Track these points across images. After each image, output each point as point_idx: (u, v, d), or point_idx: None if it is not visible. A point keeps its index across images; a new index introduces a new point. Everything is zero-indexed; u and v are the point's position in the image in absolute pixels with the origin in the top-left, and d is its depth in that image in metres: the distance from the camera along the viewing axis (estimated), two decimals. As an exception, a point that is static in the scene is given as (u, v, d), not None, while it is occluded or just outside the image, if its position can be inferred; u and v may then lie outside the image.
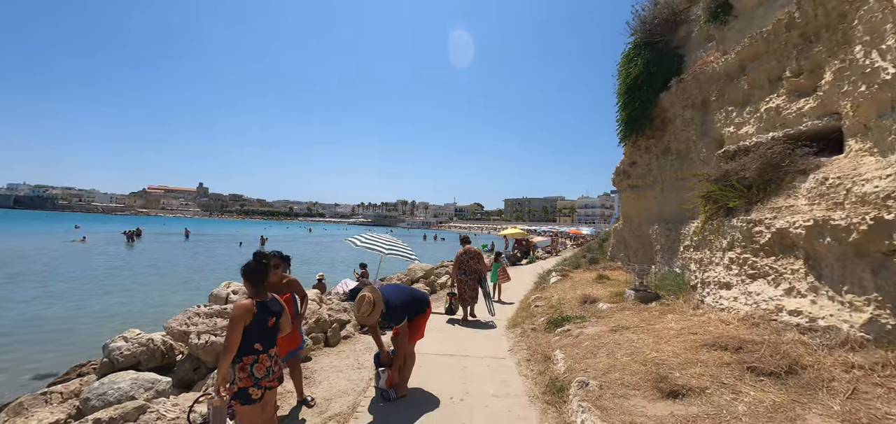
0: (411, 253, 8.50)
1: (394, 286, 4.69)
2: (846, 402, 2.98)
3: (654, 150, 10.53)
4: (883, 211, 3.84)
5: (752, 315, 4.97)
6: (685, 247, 8.26)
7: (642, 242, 11.50)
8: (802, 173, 5.45)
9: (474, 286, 7.84)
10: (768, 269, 5.20)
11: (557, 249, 29.54)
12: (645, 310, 6.35)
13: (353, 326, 7.36)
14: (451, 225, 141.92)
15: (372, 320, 3.96)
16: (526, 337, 6.30)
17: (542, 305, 8.12)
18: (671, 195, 9.76)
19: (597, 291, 8.50)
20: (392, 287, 4.57)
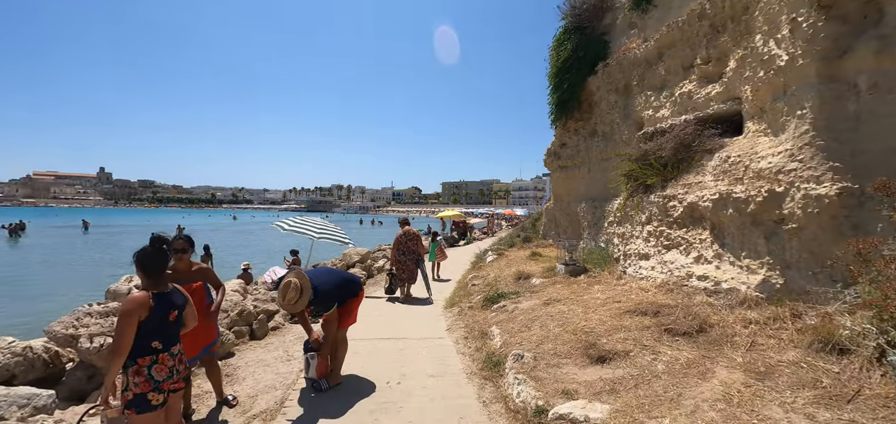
0: (345, 237, 8.13)
1: (323, 270, 4.39)
2: (746, 354, 3.31)
3: (582, 132, 11.06)
4: (774, 184, 4.30)
5: (667, 282, 5.40)
6: (609, 223, 8.80)
7: (571, 220, 12.12)
8: (709, 152, 5.96)
9: (413, 266, 8.05)
10: (681, 240, 5.67)
11: (494, 230, 30.39)
12: (574, 283, 6.66)
13: (282, 316, 6.89)
14: (388, 209, 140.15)
15: (299, 307, 3.66)
16: (463, 316, 6.32)
17: (479, 283, 8.22)
18: (597, 175, 10.33)
19: (530, 267, 8.79)
20: (321, 271, 4.27)
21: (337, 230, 8.19)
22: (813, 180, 3.95)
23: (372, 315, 6.76)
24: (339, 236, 7.91)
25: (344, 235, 8.15)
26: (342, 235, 8.08)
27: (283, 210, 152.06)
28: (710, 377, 3.09)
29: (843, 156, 3.84)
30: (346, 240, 7.92)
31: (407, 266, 7.96)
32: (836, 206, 3.78)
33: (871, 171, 3.65)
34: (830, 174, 3.85)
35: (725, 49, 5.91)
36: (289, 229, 7.56)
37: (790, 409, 2.56)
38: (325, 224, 8.34)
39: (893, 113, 3.59)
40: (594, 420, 2.78)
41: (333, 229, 8.16)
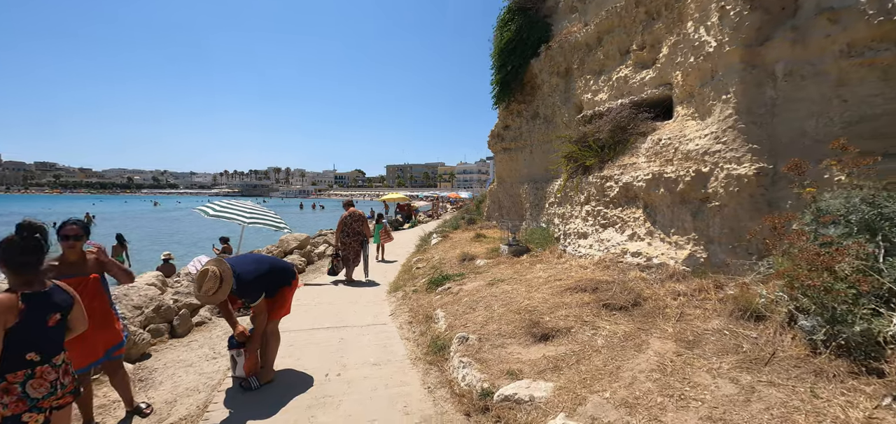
0: (280, 221, 7.57)
1: (250, 257, 3.98)
2: (677, 324, 3.48)
3: (525, 114, 11.21)
4: (701, 165, 4.55)
5: (604, 259, 5.61)
6: (550, 204, 9.03)
7: (514, 201, 12.34)
8: (643, 135, 6.23)
9: (358, 247, 8.08)
10: (616, 219, 5.91)
11: (439, 213, 30.43)
12: (517, 263, 6.74)
13: (208, 310, 6.28)
14: (330, 193, 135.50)
15: (218, 298, 3.26)
16: (408, 300, 6.16)
17: (424, 266, 8.09)
18: (539, 157, 10.55)
19: (475, 249, 8.81)
20: (247, 258, 3.87)
21: (271, 214, 7.60)
22: (734, 161, 4.22)
23: (312, 303, 6.38)
24: (274, 221, 7.35)
25: (279, 220, 7.59)
26: (277, 220, 7.52)
27: (213, 195, 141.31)
28: (645, 348, 3.21)
29: (761, 139, 4.14)
30: (281, 225, 7.37)
31: (352, 247, 8.00)
32: (754, 185, 4.07)
33: (784, 153, 3.96)
34: (749, 155, 4.14)
35: (659, 35, 6.16)
36: (214, 214, 6.87)
37: (717, 374, 2.69)
38: (257, 208, 7.71)
39: (805, 99, 3.90)
40: (539, 399, 2.76)
41: (266, 213, 7.57)
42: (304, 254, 11.26)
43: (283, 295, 3.71)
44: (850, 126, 3.71)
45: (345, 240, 7.97)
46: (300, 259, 10.63)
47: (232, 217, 6.87)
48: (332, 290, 7.35)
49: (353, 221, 8.05)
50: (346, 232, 7.99)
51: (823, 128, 3.84)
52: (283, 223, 7.68)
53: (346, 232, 7.99)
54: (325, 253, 12.48)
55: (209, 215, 6.92)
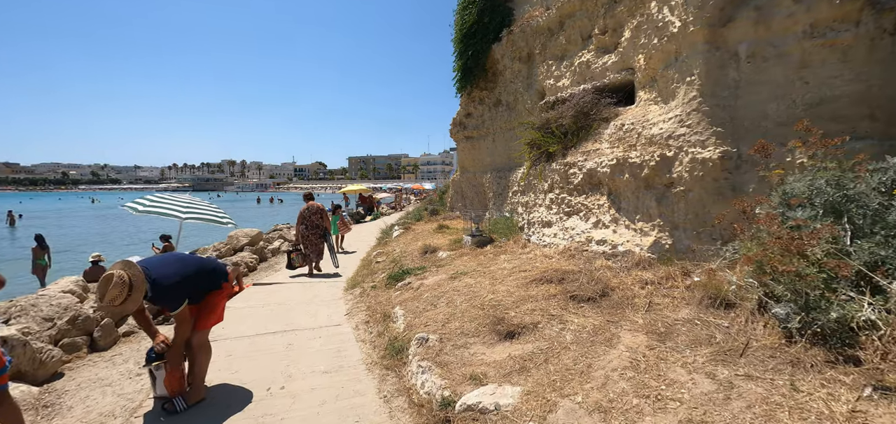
0: (223, 216, 6.89)
1: (171, 256, 3.44)
2: (646, 315, 3.32)
3: (487, 102, 10.96)
4: (665, 149, 4.44)
5: (569, 248, 5.45)
6: (513, 193, 8.86)
7: (477, 191, 12.12)
8: (606, 121, 6.11)
9: (319, 240, 7.92)
10: (581, 206, 5.76)
11: (402, 205, 29.89)
12: (481, 254, 6.49)
13: (138, 315, 5.57)
14: (290, 186, 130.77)
15: (127, 308, 2.73)
16: (365, 297, 5.75)
17: (384, 260, 7.69)
18: (502, 145, 10.35)
19: (437, 240, 8.50)
20: (168, 258, 3.32)
21: (212, 209, 6.91)
22: (699, 145, 4.12)
23: (259, 305, 5.83)
24: (215, 216, 6.67)
25: (222, 215, 6.92)
26: (219, 214, 6.85)
27: (161, 190, 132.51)
28: (616, 342, 3.01)
29: (725, 122, 4.05)
30: (223, 221, 6.71)
31: (312, 240, 7.82)
32: (718, 169, 3.99)
33: (746, 136, 3.89)
34: (714, 138, 4.04)
35: (622, 19, 6.03)
36: (144, 210, 6.12)
37: (693, 369, 2.52)
38: (196, 202, 6.98)
39: (767, 81, 3.83)
40: (505, 408, 2.48)
41: (207, 208, 6.87)
42: (256, 251, 10.51)
43: (213, 300, 3.21)
44: (812, 108, 3.68)
45: (305, 234, 7.81)
46: (252, 256, 9.89)
47: (166, 212, 6.15)
48: (285, 289, 6.80)
49: (312, 214, 7.89)
50: (306, 225, 7.82)
51: (785, 111, 3.79)
52: (227, 218, 7.01)
53: (306, 226, 7.82)
54: (279, 250, 11.75)
55: (139, 211, 6.16)
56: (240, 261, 8.86)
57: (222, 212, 7.04)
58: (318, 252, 7.90)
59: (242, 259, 9.40)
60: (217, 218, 6.64)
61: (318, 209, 8.03)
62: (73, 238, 21.61)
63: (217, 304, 3.24)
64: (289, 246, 8.94)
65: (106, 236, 22.98)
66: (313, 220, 7.87)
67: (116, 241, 20.23)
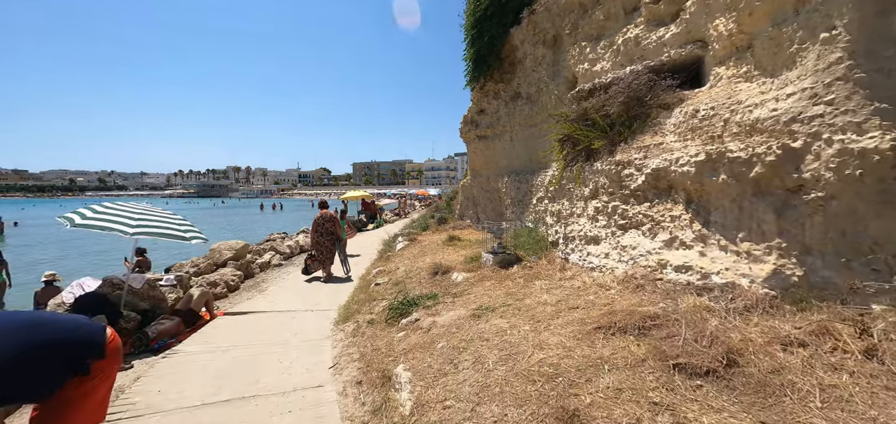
0: (189, 230, 5.58)
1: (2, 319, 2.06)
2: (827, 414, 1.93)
3: (504, 96, 9.63)
4: (788, 138, 3.07)
5: (632, 274, 4.06)
6: (538, 200, 7.49)
7: (492, 197, 10.76)
8: (666, 108, 4.77)
9: (331, 247, 8.15)
10: (643, 217, 4.39)
11: (406, 211, 28.58)
12: (507, 278, 5.12)
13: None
14: (294, 192, 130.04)
15: None
16: (359, 337, 4.40)
17: (386, 281, 6.33)
18: (521, 144, 9.00)
19: (449, 257, 7.15)
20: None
21: (175, 222, 5.61)
22: (851, 129, 2.75)
23: (222, 347, 4.50)
24: (176, 230, 5.37)
25: (187, 228, 5.62)
26: (182, 228, 5.55)
27: (166, 196, 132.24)
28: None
29: (892, 94, 2.69)
30: (187, 236, 5.40)
31: (325, 246, 8.09)
32: (887, 165, 2.62)
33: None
34: (877, 120, 2.68)
35: (687, -24, 4.69)
36: (82, 223, 4.83)
37: None
38: (157, 213, 5.69)
39: None
40: None
41: (168, 220, 5.56)
42: (241, 267, 9.21)
43: (79, 392, 1.85)
44: None
45: (318, 240, 8.11)
46: (234, 274, 8.59)
47: (109, 227, 4.84)
48: (262, 320, 5.47)
49: (325, 221, 8.19)
50: (319, 232, 8.11)
51: None
52: (195, 232, 5.70)
53: (319, 232, 8.11)
54: (270, 264, 10.46)
55: (76, 224, 4.86)
56: (212, 283, 7.55)
57: (188, 225, 5.73)
58: (331, 257, 8.17)
59: (223, 277, 8.10)
60: (179, 232, 5.33)
61: (332, 217, 8.36)
62: (58, 249, 20.42)
63: (87, 398, 1.88)
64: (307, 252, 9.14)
65: (90, 247, 21.74)
66: (326, 228, 8.15)
67: (95, 255, 18.79)
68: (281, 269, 9.96)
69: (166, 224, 5.41)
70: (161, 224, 5.33)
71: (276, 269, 10.02)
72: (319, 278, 8.09)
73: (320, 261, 8.08)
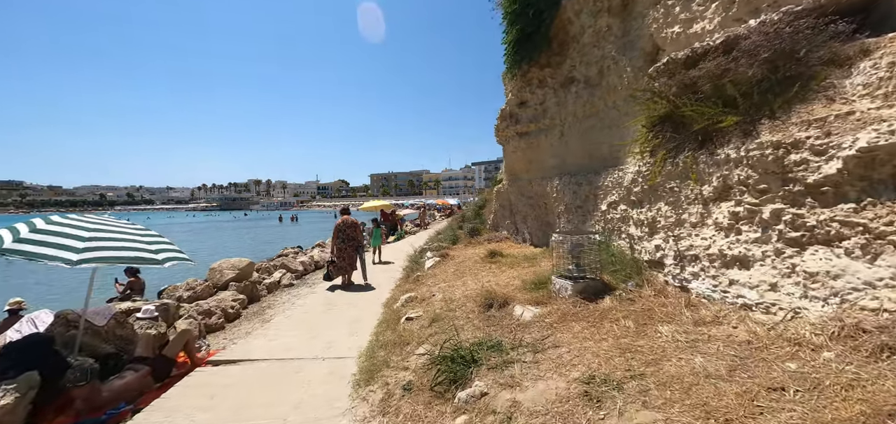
0: (162, 250, 4.19)
1: None
2: None
3: (551, 83, 8.08)
4: None
5: (856, 325, 2.41)
6: (611, 205, 5.88)
7: (536, 204, 9.16)
8: (840, 64, 3.18)
9: (353, 253, 7.95)
10: (839, 228, 2.75)
11: (426, 222, 27.12)
12: (604, 318, 3.52)
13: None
14: (313, 204, 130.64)
15: None
16: (392, 417, 2.86)
17: (419, 316, 4.79)
18: (577, 139, 7.41)
19: (499, 279, 5.59)
20: None
21: (141, 239, 4.23)
22: None
23: (196, 415, 3.04)
24: (143, 250, 3.99)
25: (161, 247, 4.24)
26: (154, 247, 4.17)
27: (190, 209, 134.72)
28: None
29: None
30: (158, 259, 4.01)
31: (347, 253, 7.89)
32: None
33: None
34: None
35: None
36: (7, 248, 3.48)
37: None
38: (120, 227, 4.34)
39: None
40: None
41: (132, 238, 4.18)
42: (244, 289, 7.84)
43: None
44: None
45: (340, 247, 7.89)
46: (234, 299, 7.22)
47: (42, 253, 3.48)
48: (252, 376, 4.01)
49: (347, 227, 7.97)
50: (341, 238, 7.91)
51: None
52: (169, 252, 4.32)
53: (341, 239, 7.91)
54: (279, 284, 9.09)
55: (3, 248, 3.52)
56: (205, 312, 6.16)
57: (162, 243, 4.35)
58: (352, 264, 7.95)
59: (220, 303, 6.73)
60: (147, 253, 3.94)
61: (353, 223, 8.10)
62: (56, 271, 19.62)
63: None
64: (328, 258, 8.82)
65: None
66: (348, 233, 7.93)
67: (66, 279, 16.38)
68: (292, 291, 8.56)
69: (130, 243, 4.02)
70: (123, 244, 3.94)
71: (287, 291, 8.63)
72: (339, 286, 7.86)
73: (341, 268, 7.85)
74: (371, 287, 7.77)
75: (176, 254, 4.34)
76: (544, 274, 5.34)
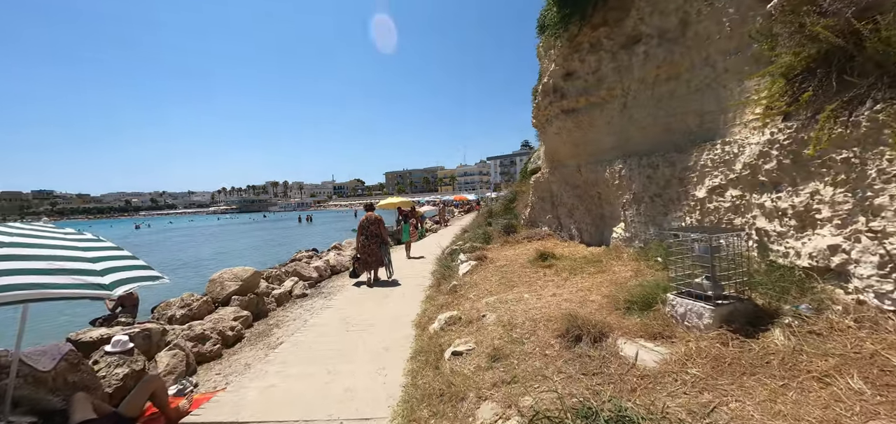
0: (108, 273, 2.96)
1: None
2: None
3: (608, 45, 6.63)
4: None
5: None
6: (714, 190, 4.44)
7: (585, 195, 7.74)
8: None
9: (377, 249, 7.87)
10: None
11: (446, 219, 25.80)
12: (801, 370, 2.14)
13: None
14: (329, 204, 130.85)
15: None
16: None
17: (472, 349, 3.47)
18: (648, 110, 5.97)
19: (570, 293, 4.24)
20: None
21: (79, 260, 3.02)
22: None
23: None
24: (80, 275, 2.78)
25: (108, 268, 3.03)
26: (102, 266, 2.96)
27: (211, 212, 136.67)
28: None
29: None
30: (103, 282, 2.80)
31: (371, 249, 7.86)
32: None
33: None
34: None
35: None
36: None
37: None
38: (59, 237, 3.15)
39: None
40: None
41: (70, 256, 2.98)
42: (248, 304, 6.67)
43: None
44: None
45: (364, 243, 7.90)
46: (238, 316, 6.06)
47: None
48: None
49: (371, 224, 7.96)
50: (365, 234, 7.91)
51: None
52: (125, 268, 3.11)
53: (365, 235, 7.91)
54: (291, 294, 7.92)
55: None
56: (198, 337, 4.99)
57: (111, 257, 3.14)
58: (378, 260, 7.89)
59: (217, 324, 5.57)
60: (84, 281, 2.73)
61: (377, 219, 8.06)
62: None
63: None
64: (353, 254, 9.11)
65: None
66: (372, 230, 7.90)
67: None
68: (305, 304, 7.37)
69: (62, 264, 2.82)
70: (50, 265, 2.74)
71: (299, 304, 7.44)
72: (365, 283, 7.86)
73: (367, 264, 7.86)
74: (397, 283, 7.73)
75: (134, 273, 3.13)
76: (630, 284, 3.96)
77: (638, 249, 5.62)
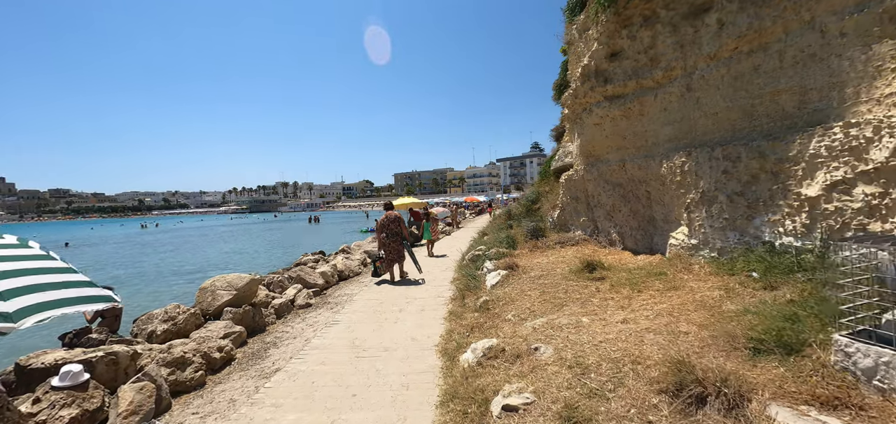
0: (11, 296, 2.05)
1: None
2: None
3: (667, 17, 5.60)
4: None
5: None
6: (831, 187, 3.41)
7: (630, 194, 6.71)
8: None
9: (399, 246, 7.99)
10: None
11: (458, 221, 24.81)
12: None
13: None
14: (339, 204, 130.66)
15: None
16: None
17: (530, 404, 2.50)
18: (721, 91, 4.93)
19: (645, 320, 3.24)
20: None
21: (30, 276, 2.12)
22: None
23: None
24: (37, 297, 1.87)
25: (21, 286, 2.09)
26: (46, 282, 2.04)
27: (222, 212, 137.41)
28: None
29: None
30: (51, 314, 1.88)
31: (392, 247, 7.95)
32: None
33: None
34: None
35: None
36: None
37: None
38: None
39: None
40: None
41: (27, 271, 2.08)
42: (242, 317, 5.77)
43: None
44: None
45: (385, 241, 7.97)
46: (229, 331, 5.17)
47: None
48: None
49: (390, 222, 8.02)
50: (385, 232, 7.96)
51: None
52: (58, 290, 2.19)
53: (385, 233, 7.96)
54: (293, 305, 7.03)
55: None
56: (176, 362, 4.08)
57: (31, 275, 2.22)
58: (401, 257, 7.99)
59: (201, 345, 4.68)
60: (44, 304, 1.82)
61: (397, 218, 8.16)
62: (93, 273, 18.54)
63: None
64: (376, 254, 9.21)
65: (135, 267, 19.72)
66: (391, 228, 7.98)
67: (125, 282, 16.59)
68: (308, 316, 6.46)
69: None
70: None
71: (302, 316, 6.53)
72: (387, 281, 7.89)
73: (390, 261, 7.97)
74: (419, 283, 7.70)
75: (57, 296, 2.21)
76: (729, 308, 2.95)
77: (712, 260, 4.59)
